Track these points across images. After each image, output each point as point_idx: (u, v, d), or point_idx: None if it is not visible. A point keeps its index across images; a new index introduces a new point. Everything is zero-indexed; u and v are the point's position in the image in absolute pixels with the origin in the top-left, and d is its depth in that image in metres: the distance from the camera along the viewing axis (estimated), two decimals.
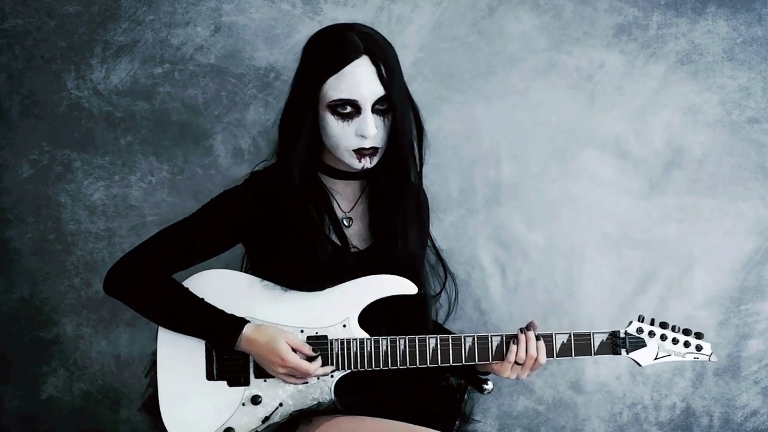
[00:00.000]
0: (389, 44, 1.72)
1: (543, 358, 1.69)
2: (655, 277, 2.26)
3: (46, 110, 2.21)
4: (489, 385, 1.79)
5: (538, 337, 1.69)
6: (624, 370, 2.29)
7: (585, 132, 2.25)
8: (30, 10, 2.19)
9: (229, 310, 1.68)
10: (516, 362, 1.69)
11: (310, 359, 1.66)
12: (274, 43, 2.20)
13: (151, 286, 1.70)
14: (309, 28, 2.19)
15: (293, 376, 1.67)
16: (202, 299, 1.69)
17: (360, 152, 1.69)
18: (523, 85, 2.24)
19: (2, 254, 2.23)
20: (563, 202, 2.25)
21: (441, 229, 2.24)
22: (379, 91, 1.66)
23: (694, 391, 2.30)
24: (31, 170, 2.23)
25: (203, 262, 1.76)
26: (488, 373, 1.79)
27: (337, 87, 1.65)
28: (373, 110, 1.67)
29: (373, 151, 1.70)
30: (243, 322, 1.66)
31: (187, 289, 1.71)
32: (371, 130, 1.66)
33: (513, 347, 1.68)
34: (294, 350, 1.65)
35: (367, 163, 1.71)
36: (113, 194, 2.23)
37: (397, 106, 1.69)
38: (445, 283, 1.90)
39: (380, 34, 1.73)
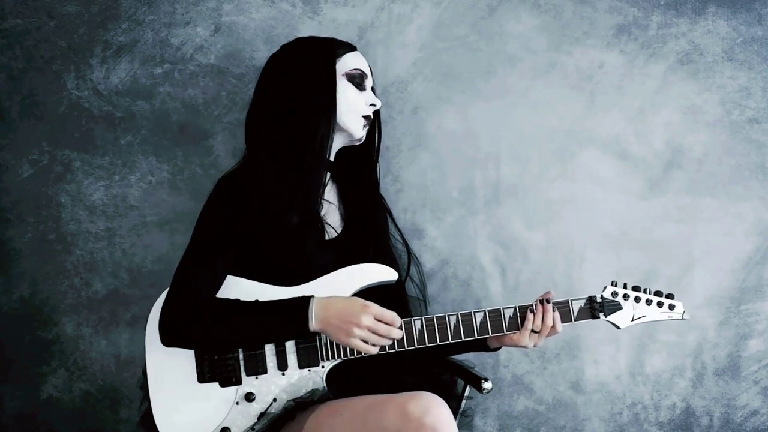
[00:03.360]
0: None
1: (559, 326, 1.76)
2: (655, 277, 2.25)
3: (46, 110, 2.21)
4: (488, 385, 1.79)
5: (554, 308, 1.76)
6: (624, 370, 2.29)
7: (585, 132, 2.25)
8: (30, 10, 2.20)
9: None
10: (533, 330, 1.75)
11: None
12: (274, 43, 2.20)
13: (207, 317, 1.65)
14: (309, 28, 2.20)
15: (375, 333, 1.63)
16: (256, 301, 1.67)
17: (368, 119, 1.86)
18: (523, 85, 2.24)
19: (2, 254, 2.23)
20: (563, 202, 2.25)
21: (441, 229, 2.24)
22: (371, 79, 1.90)
23: (694, 391, 2.30)
24: (31, 170, 2.23)
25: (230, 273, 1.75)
26: (499, 348, 1.84)
27: (355, 60, 1.85)
28: None
29: (370, 123, 1.88)
30: (306, 298, 1.65)
31: (238, 300, 1.68)
32: (378, 100, 1.87)
33: (529, 319, 1.74)
34: None
35: (363, 134, 1.87)
36: (113, 194, 2.23)
37: (380, 101, 1.89)
38: (409, 268, 1.95)
39: None
